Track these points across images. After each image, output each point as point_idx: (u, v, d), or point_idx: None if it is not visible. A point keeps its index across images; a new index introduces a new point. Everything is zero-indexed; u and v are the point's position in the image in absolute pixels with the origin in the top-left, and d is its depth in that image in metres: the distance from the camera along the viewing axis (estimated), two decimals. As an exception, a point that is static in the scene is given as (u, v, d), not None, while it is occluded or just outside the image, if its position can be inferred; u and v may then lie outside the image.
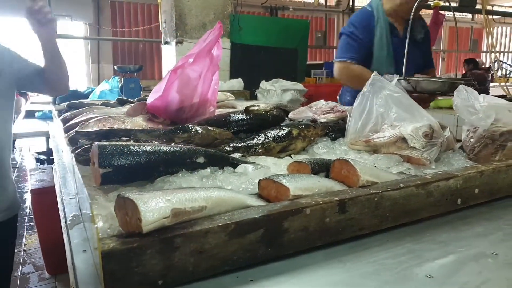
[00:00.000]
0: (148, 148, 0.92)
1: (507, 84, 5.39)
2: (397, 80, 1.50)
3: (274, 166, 1.08)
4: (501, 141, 1.02)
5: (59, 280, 2.58)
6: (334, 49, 11.85)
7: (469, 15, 11.74)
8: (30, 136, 2.85)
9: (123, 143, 0.92)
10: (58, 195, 1.50)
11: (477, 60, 8.71)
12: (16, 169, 5.67)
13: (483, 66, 9.40)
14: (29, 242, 3.12)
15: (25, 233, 3.30)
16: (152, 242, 0.58)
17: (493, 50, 3.75)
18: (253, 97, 3.22)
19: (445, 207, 0.90)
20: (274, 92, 3.29)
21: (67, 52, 9.28)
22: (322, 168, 0.93)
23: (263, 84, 3.32)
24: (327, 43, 10.78)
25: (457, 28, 2.30)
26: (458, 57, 7.76)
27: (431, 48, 2.49)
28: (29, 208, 3.65)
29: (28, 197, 3.46)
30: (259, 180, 0.85)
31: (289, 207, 0.71)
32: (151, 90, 1.53)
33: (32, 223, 3.39)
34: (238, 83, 3.14)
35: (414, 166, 1.10)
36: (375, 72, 1.35)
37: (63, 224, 1.18)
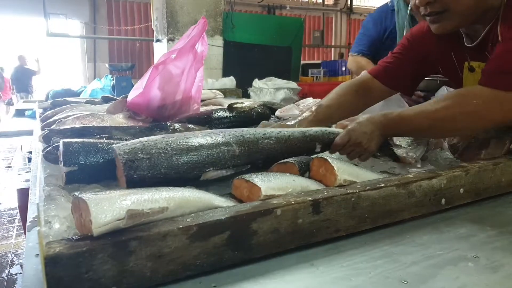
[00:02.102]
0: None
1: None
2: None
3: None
4: (484, 139, 0.98)
5: (46, 281, 2.54)
6: (332, 48, 11.82)
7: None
8: (19, 135, 2.79)
9: (91, 140, 0.88)
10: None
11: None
12: (10, 168, 5.61)
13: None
14: (18, 242, 3.08)
15: (14, 234, 3.25)
16: (103, 246, 0.54)
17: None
18: (246, 96, 3.18)
19: (428, 207, 0.86)
20: (267, 90, 3.24)
21: (63, 50, 9.24)
22: (307, 167, 0.89)
23: (256, 83, 3.28)
24: (325, 42, 10.75)
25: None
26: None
27: None
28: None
29: (18, 197, 3.42)
30: (233, 179, 0.81)
31: (258, 207, 0.67)
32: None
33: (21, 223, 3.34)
34: (230, 81, 3.10)
35: (399, 165, 1.07)
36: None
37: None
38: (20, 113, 3.56)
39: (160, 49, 3.58)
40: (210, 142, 0.81)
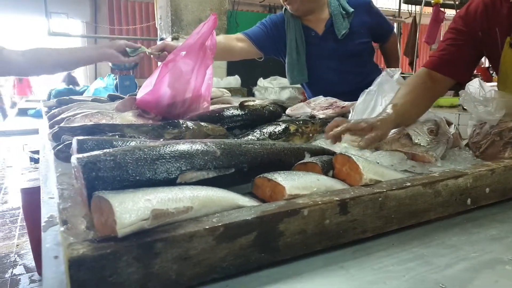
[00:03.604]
0: (132, 143, 0.85)
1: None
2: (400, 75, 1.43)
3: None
4: (509, 137, 0.95)
5: (50, 282, 2.51)
6: (333, 48, 11.79)
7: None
8: (22, 134, 2.77)
9: (105, 138, 0.85)
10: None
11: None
12: (11, 168, 5.59)
13: (482, 65, 9.35)
14: (21, 243, 3.04)
15: (17, 234, 3.22)
16: (128, 248, 0.51)
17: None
18: (251, 95, 3.16)
19: (454, 207, 0.83)
20: (272, 89, 3.22)
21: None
22: (330, 166, 0.85)
23: (261, 82, 3.26)
24: (326, 42, 10.69)
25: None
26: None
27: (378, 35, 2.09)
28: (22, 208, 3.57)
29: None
30: (254, 178, 0.78)
31: (285, 207, 0.64)
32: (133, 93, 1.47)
33: (24, 224, 3.31)
34: (235, 80, 3.07)
35: (419, 164, 1.04)
36: (385, 71, 1.30)
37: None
38: (22, 112, 3.54)
39: (163, 48, 3.55)
40: (187, 143, 0.74)
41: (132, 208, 0.53)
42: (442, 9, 5.08)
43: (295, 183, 0.71)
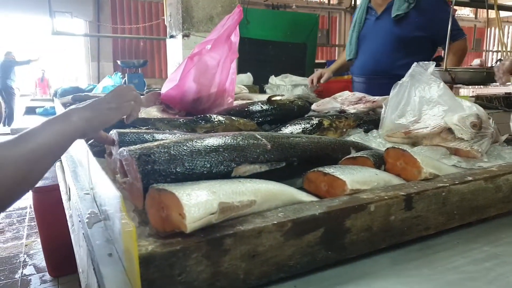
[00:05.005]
0: (172, 136, 0.80)
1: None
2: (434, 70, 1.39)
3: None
4: None
5: (61, 282, 2.46)
6: (337, 47, 11.72)
7: (472, 14, 11.64)
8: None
9: (145, 130, 0.81)
10: (63, 193, 1.38)
11: (480, 59, 8.69)
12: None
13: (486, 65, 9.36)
14: (29, 243, 2.99)
15: (25, 234, 3.17)
16: (198, 244, 0.47)
17: (504, 49, 3.63)
18: (262, 92, 3.11)
19: (514, 204, 0.79)
20: (284, 87, 3.17)
21: (67, 50, 9.16)
22: (381, 160, 0.80)
23: (272, 79, 3.21)
24: (330, 41, 10.66)
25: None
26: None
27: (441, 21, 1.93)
28: (30, 207, 3.53)
29: (28, 196, 3.34)
30: (306, 172, 0.73)
31: (351, 203, 0.60)
32: (152, 89, 1.42)
33: (33, 223, 3.26)
34: (247, 78, 3.02)
35: (464, 159, 1.00)
36: (415, 63, 1.25)
37: (70, 224, 1.07)
38: (31, 110, 3.49)
39: (174, 46, 3.50)
40: (237, 136, 0.70)
41: (200, 201, 0.49)
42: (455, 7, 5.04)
43: (355, 178, 0.67)
